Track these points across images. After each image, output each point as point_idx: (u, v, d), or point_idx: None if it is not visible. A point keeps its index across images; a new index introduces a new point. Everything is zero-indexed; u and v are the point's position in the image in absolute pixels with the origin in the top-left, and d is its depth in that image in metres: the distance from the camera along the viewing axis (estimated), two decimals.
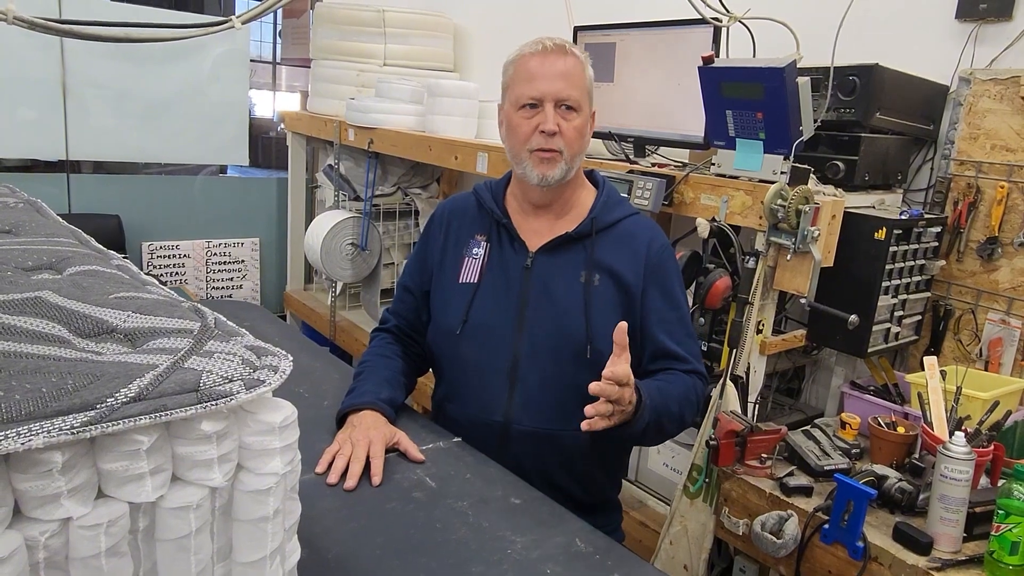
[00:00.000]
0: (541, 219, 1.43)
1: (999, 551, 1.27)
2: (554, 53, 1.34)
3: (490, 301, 1.40)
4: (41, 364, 0.57)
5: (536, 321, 1.37)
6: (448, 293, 1.44)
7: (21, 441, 0.48)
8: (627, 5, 2.46)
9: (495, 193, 1.47)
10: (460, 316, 1.40)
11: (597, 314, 1.35)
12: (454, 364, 1.44)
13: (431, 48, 3.46)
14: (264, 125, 8.97)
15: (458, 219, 1.48)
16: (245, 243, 3.94)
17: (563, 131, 1.33)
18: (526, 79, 1.34)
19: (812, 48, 1.81)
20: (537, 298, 1.38)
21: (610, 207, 1.43)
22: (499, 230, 1.44)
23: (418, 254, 1.54)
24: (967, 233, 1.87)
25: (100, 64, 3.32)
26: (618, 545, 1.06)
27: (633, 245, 1.40)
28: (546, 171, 1.34)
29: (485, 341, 1.39)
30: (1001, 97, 1.81)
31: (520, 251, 1.41)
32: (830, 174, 1.79)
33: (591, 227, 1.39)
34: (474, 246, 1.44)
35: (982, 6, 1.84)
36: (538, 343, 1.36)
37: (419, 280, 1.51)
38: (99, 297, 0.73)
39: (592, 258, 1.38)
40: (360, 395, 1.35)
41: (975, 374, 1.72)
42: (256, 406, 0.63)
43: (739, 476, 1.61)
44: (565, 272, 1.38)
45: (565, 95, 1.33)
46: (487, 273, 1.41)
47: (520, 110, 1.36)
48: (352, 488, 1.14)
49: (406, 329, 1.53)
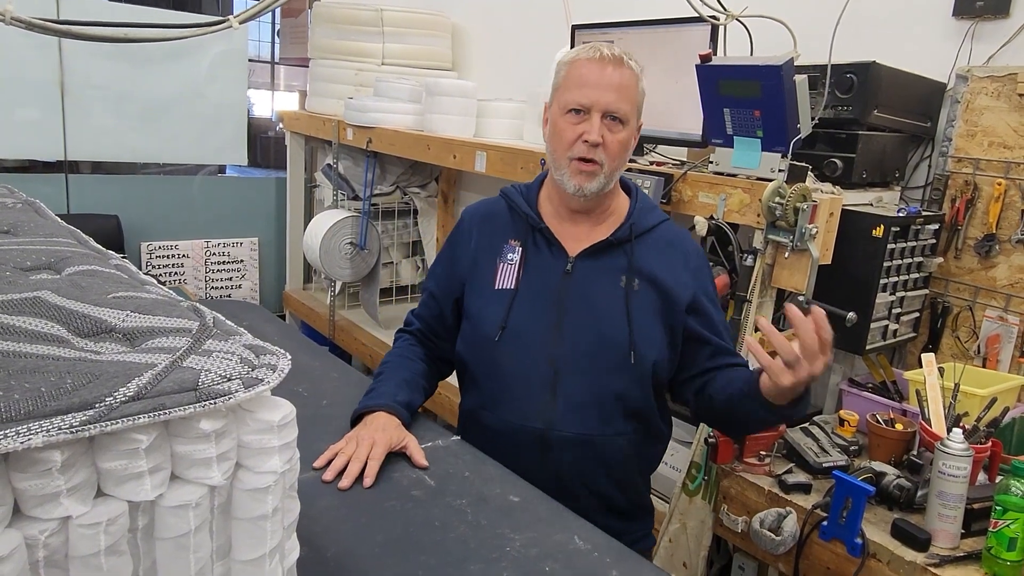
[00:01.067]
0: (579, 225, 1.41)
1: (997, 547, 1.27)
2: (611, 63, 1.31)
3: (528, 307, 1.37)
4: (40, 363, 0.57)
5: (576, 327, 1.34)
6: (484, 299, 1.40)
7: (20, 440, 0.49)
8: (625, 4, 2.46)
9: (528, 197, 1.44)
10: (498, 323, 1.37)
11: (638, 319, 1.34)
12: (491, 372, 1.40)
13: (429, 47, 3.46)
14: (263, 125, 8.97)
15: (489, 224, 1.45)
16: (244, 243, 3.94)
17: (607, 143, 1.31)
18: (577, 84, 1.32)
19: (809, 46, 1.81)
20: (577, 304, 1.35)
21: (645, 213, 1.41)
22: (535, 235, 1.41)
23: (445, 259, 1.50)
24: (965, 230, 1.87)
25: (98, 64, 3.32)
26: (616, 542, 1.07)
27: (672, 252, 1.39)
28: (583, 183, 1.33)
29: (524, 347, 1.36)
30: (998, 94, 1.81)
31: (559, 256, 1.38)
32: (828, 172, 1.79)
33: (630, 233, 1.38)
34: (508, 251, 1.41)
35: (979, 3, 1.84)
36: (579, 349, 1.34)
37: (446, 286, 1.48)
38: (98, 297, 0.73)
39: (632, 264, 1.36)
40: (377, 396, 1.34)
41: (973, 371, 1.73)
42: (255, 405, 0.63)
43: (738, 473, 1.61)
44: (605, 278, 1.36)
45: (615, 107, 1.30)
46: (524, 279, 1.38)
47: (567, 114, 1.33)
48: (346, 487, 1.13)
49: (429, 333, 1.51)
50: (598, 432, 1.34)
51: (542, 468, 1.33)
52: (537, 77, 2.55)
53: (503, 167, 2.35)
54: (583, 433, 1.34)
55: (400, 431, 1.27)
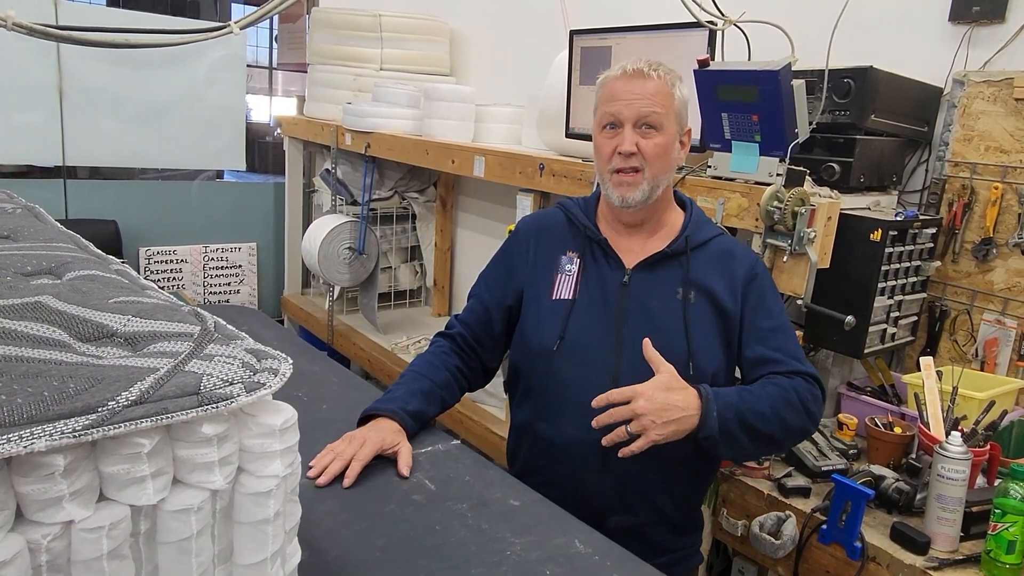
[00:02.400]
0: (633, 238, 1.42)
1: (996, 550, 1.28)
2: (635, 75, 1.34)
3: (586, 318, 1.37)
4: (43, 368, 0.57)
5: (636, 338, 1.33)
6: (541, 310, 1.41)
7: (23, 444, 0.49)
8: (623, 9, 2.47)
9: (586, 210, 1.46)
10: (556, 333, 1.37)
11: (696, 331, 1.34)
12: (548, 383, 1.39)
13: (427, 52, 3.47)
14: (261, 130, 8.98)
15: (547, 235, 1.46)
16: (242, 248, 3.94)
17: (642, 149, 1.32)
18: (608, 100, 1.36)
19: (807, 51, 1.82)
20: (635, 315, 1.36)
21: (700, 226, 1.42)
22: (592, 247, 1.42)
23: (500, 268, 1.50)
24: (962, 234, 1.88)
25: (97, 69, 3.32)
26: (617, 546, 1.07)
27: (728, 266, 1.39)
28: (625, 193, 1.34)
29: (584, 358, 1.36)
30: (995, 99, 1.82)
31: (616, 268, 1.39)
32: (826, 176, 1.79)
33: (686, 245, 1.38)
34: (566, 263, 1.42)
35: (975, 8, 1.85)
36: (639, 360, 1.32)
37: (500, 293, 1.47)
38: (99, 302, 0.73)
39: (688, 276, 1.37)
40: (388, 401, 1.34)
41: (971, 374, 1.73)
42: (256, 409, 0.63)
43: (737, 477, 1.62)
44: (662, 289, 1.37)
45: (644, 113, 1.32)
46: (582, 289, 1.39)
47: (603, 131, 1.37)
48: (324, 484, 1.14)
49: (471, 339, 1.49)
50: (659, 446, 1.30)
51: (601, 481, 1.32)
52: (535, 82, 2.56)
53: (501, 172, 2.35)
54: None
55: (396, 435, 1.27)
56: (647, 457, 1.28)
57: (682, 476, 1.38)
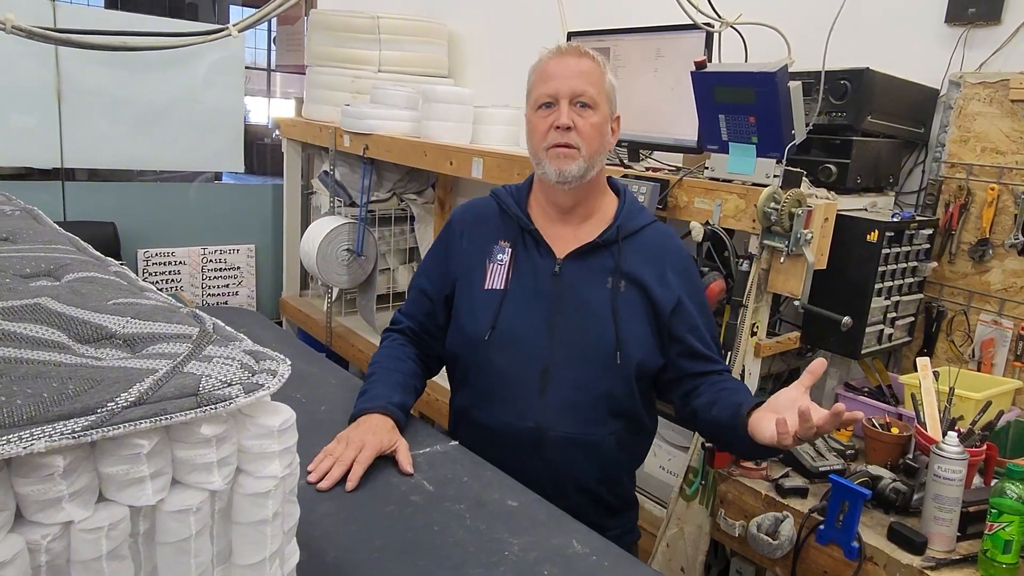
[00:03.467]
0: (566, 225, 1.43)
1: (992, 550, 1.28)
2: (569, 54, 1.37)
3: (518, 307, 1.39)
4: (42, 369, 0.57)
5: (567, 327, 1.37)
6: (474, 300, 1.43)
7: (23, 445, 0.49)
8: (620, 10, 2.48)
9: (518, 198, 1.47)
10: (488, 323, 1.39)
11: (625, 321, 1.36)
12: (481, 371, 1.42)
13: (425, 54, 3.48)
14: (259, 132, 8.97)
15: (481, 224, 1.48)
16: (241, 249, 3.94)
17: (579, 127, 1.34)
18: (543, 80, 1.37)
19: (803, 52, 1.83)
20: (566, 305, 1.38)
21: (633, 215, 1.43)
22: (524, 236, 1.43)
23: (437, 258, 1.52)
24: (958, 235, 1.89)
25: (95, 71, 3.32)
26: (615, 546, 1.07)
27: (658, 255, 1.41)
28: (562, 166, 1.34)
29: (516, 347, 1.38)
30: (991, 100, 1.82)
31: (547, 257, 1.41)
32: (822, 177, 1.80)
33: (617, 234, 1.40)
34: (498, 252, 1.43)
35: (971, 10, 1.86)
36: (569, 350, 1.36)
37: (439, 284, 1.49)
38: (98, 303, 0.73)
39: (618, 266, 1.39)
40: (373, 399, 1.34)
41: (968, 375, 1.74)
42: (255, 410, 0.63)
43: (735, 478, 1.62)
44: (593, 279, 1.39)
45: (580, 91, 1.34)
46: (514, 279, 1.41)
47: (538, 110, 1.38)
48: (326, 488, 1.14)
49: (420, 331, 1.52)
50: (588, 431, 1.37)
51: (534, 466, 1.34)
52: None
53: (500, 173, 2.35)
54: (573, 432, 1.36)
55: (392, 434, 1.28)
56: (579, 444, 1.34)
57: (615, 461, 1.41)
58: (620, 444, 1.40)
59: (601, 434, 1.37)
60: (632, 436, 1.43)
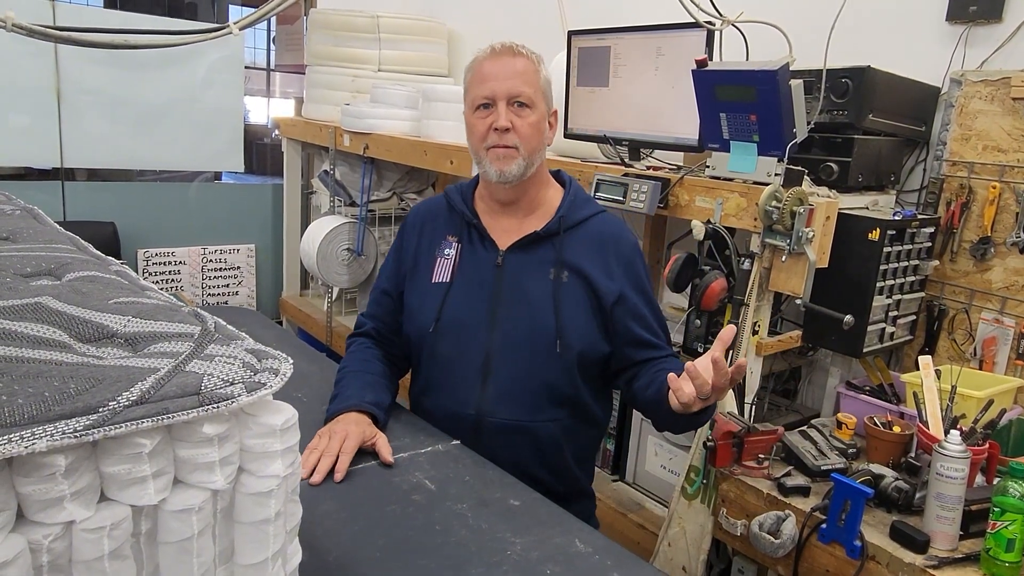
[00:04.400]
0: (510, 218, 1.47)
1: (995, 548, 1.28)
2: (503, 54, 1.40)
3: (462, 299, 1.44)
4: (43, 368, 0.57)
5: (508, 318, 1.41)
6: (421, 293, 1.48)
7: (25, 445, 0.49)
8: (621, 9, 2.47)
9: (464, 194, 1.51)
10: (433, 314, 1.44)
11: (566, 310, 1.40)
12: (429, 360, 1.47)
13: (425, 53, 3.47)
14: (258, 131, 8.96)
15: (431, 221, 1.53)
16: (241, 249, 3.93)
17: (517, 127, 1.38)
18: (479, 81, 1.41)
19: (804, 51, 1.83)
20: (509, 295, 1.42)
21: (577, 206, 1.47)
22: (470, 230, 1.48)
23: (393, 259, 1.57)
24: (960, 233, 1.88)
25: (94, 71, 3.31)
26: (616, 545, 1.07)
27: (602, 245, 1.44)
28: (503, 167, 1.39)
29: (458, 338, 1.42)
30: (992, 98, 1.82)
31: (491, 250, 1.45)
32: (824, 176, 1.80)
33: (559, 226, 1.43)
34: (446, 247, 1.48)
35: (972, 8, 1.86)
36: (510, 339, 1.40)
37: (395, 282, 1.54)
38: (99, 302, 0.73)
39: (561, 257, 1.42)
40: (344, 400, 1.36)
41: (969, 373, 1.73)
42: (257, 409, 0.63)
43: (736, 477, 1.62)
44: (535, 270, 1.42)
45: (516, 92, 1.37)
46: (459, 272, 1.45)
47: (476, 111, 1.42)
48: (317, 482, 1.15)
49: (384, 332, 1.55)
50: (528, 418, 1.40)
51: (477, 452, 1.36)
52: None
53: None
54: (513, 419, 1.40)
55: (371, 427, 1.30)
56: (517, 430, 1.38)
57: (556, 449, 1.44)
58: (563, 432, 1.43)
59: (541, 421, 1.41)
60: (577, 424, 1.46)
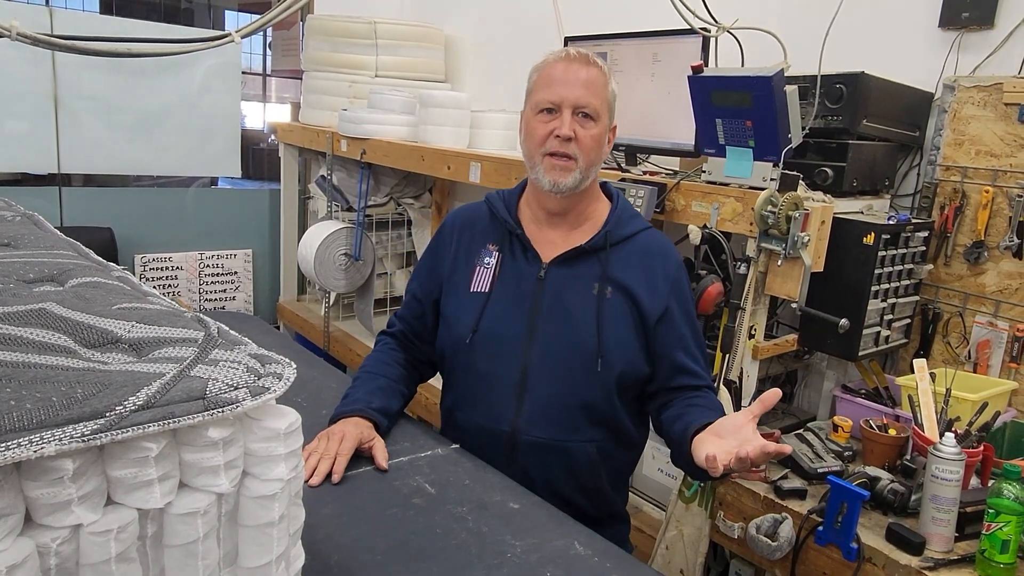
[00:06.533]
0: (555, 230, 1.43)
1: (990, 550, 1.29)
2: (577, 61, 1.35)
3: (501, 311, 1.39)
4: (50, 374, 0.57)
5: (547, 332, 1.36)
6: (459, 302, 1.43)
7: (33, 449, 0.49)
8: (617, 15, 2.49)
9: (508, 203, 1.46)
10: (471, 325, 1.39)
11: (609, 327, 1.35)
12: (464, 373, 1.43)
13: (422, 59, 3.48)
14: (255, 136, 8.95)
15: (470, 228, 1.48)
16: (238, 254, 3.93)
17: (579, 138, 1.33)
18: (547, 84, 1.35)
19: (799, 57, 1.84)
20: (549, 309, 1.37)
21: (624, 221, 1.42)
22: (512, 240, 1.43)
23: (428, 262, 1.53)
24: (954, 237, 1.90)
25: (92, 77, 3.31)
26: (616, 548, 1.07)
27: (648, 262, 1.40)
28: (558, 178, 1.34)
29: (496, 351, 1.38)
30: (984, 104, 1.84)
31: (533, 262, 1.40)
32: (819, 180, 1.81)
33: (605, 240, 1.39)
34: (486, 256, 1.43)
35: (965, 15, 1.87)
36: (549, 354, 1.35)
37: (428, 288, 1.50)
38: (102, 308, 0.74)
39: (606, 272, 1.37)
40: (352, 402, 1.36)
41: (964, 376, 1.75)
42: (261, 413, 0.63)
43: (733, 480, 1.62)
44: (578, 284, 1.38)
45: (584, 102, 1.33)
46: (499, 283, 1.41)
47: (539, 114, 1.36)
48: (316, 484, 1.15)
49: (411, 335, 1.53)
50: (564, 438, 1.36)
51: (509, 472, 1.34)
52: None
53: (497, 178, 2.36)
54: (548, 438, 1.35)
55: (369, 431, 1.29)
56: (552, 450, 1.34)
57: (591, 471, 1.40)
58: (599, 453, 1.38)
59: (578, 442, 1.36)
60: (614, 446, 1.41)
